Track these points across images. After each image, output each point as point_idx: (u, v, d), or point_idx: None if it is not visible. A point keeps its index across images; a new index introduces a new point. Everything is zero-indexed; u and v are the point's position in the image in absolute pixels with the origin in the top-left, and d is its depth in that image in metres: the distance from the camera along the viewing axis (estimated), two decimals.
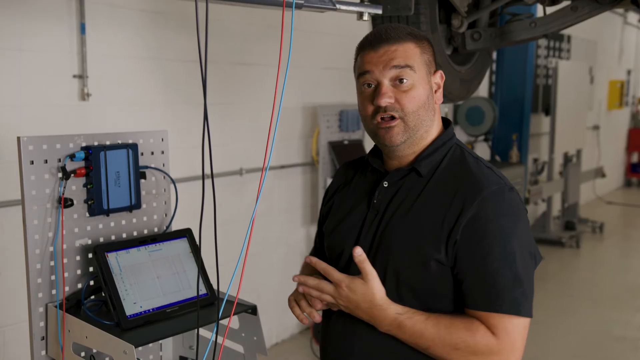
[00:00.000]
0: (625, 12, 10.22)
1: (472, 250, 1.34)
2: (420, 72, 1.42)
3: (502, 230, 1.34)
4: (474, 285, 1.34)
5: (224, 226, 3.58)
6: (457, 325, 1.33)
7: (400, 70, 1.39)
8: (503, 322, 1.32)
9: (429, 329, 1.34)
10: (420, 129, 1.43)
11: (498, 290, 1.32)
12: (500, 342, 1.31)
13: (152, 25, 3.29)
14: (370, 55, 1.42)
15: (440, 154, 1.46)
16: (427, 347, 1.35)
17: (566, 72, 6.77)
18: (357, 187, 1.56)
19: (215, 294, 1.81)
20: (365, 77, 1.43)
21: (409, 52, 1.41)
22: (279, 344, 4.34)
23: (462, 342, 1.32)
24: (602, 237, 7.60)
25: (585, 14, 2.64)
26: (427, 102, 1.43)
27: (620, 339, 4.58)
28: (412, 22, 2.42)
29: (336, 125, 4.32)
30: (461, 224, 1.34)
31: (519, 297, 1.32)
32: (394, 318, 1.36)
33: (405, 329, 1.35)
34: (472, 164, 1.43)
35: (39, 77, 2.82)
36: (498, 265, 1.32)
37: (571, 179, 7.20)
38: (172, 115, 3.42)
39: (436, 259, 1.36)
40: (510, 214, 1.36)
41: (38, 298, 1.67)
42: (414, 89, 1.40)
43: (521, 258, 1.34)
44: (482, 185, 1.36)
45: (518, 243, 1.34)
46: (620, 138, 11.09)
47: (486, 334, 1.32)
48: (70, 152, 1.71)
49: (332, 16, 2.53)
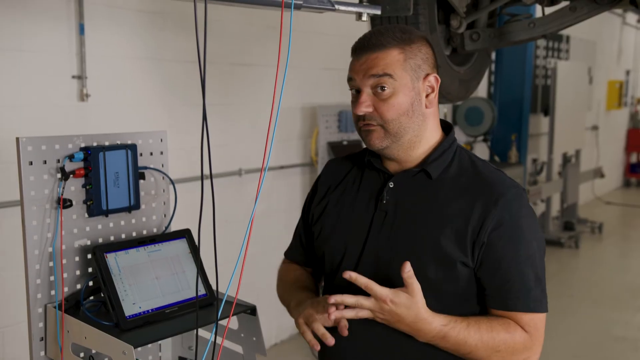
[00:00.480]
0: (624, 13, 10.23)
1: (499, 253, 1.38)
2: (402, 79, 1.40)
3: (525, 232, 1.40)
4: (502, 286, 1.39)
5: (223, 227, 3.58)
6: (497, 328, 1.37)
7: (378, 79, 1.39)
8: (533, 320, 1.39)
9: (472, 336, 1.36)
10: (405, 135, 1.43)
11: (525, 290, 1.39)
12: (533, 338, 1.39)
13: (150, 26, 3.29)
14: (354, 62, 1.44)
15: (448, 157, 1.47)
16: (469, 352, 1.37)
17: (565, 72, 6.78)
18: (357, 187, 1.54)
19: (214, 294, 1.81)
20: (351, 83, 1.46)
21: (389, 59, 1.39)
22: (278, 345, 4.34)
23: (503, 344, 1.37)
24: (601, 238, 7.61)
25: (584, 14, 2.64)
26: (410, 109, 1.41)
27: (620, 339, 4.58)
28: (411, 23, 2.42)
29: (335, 125, 4.33)
30: (487, 229, 1.37)
31: (539, 294, 1.40)
32: (439, 330, 1.35)
33: (449, 339, 1.36)
34: (482, 167, 1.46)
35: (38, 77, 2.82)
36: (524, 266, 1.39)
37: (570, 179, 7.21)
38: (171, 115, 3.42)
39: (462, 261, 1.38)
40: (530, 216, 1.43)
41: (37, 299, 1.67)
42: (393, 96, 1.40)
43: (539, 257, 1.42)
44: (502, 189, 1.40)
45: (537, 244, 1.42)
46: (619, 138, 11.09)
47: (523, 333, 1.39)
48: (69, 152, 1.71)
49: (331, 17, 2.53)
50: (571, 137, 7.13)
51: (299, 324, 1.44)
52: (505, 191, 1.40)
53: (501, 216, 1.37)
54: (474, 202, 1.39)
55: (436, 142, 1.48)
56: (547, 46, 7.77)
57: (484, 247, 1.38)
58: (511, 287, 1.38)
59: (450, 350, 1.38)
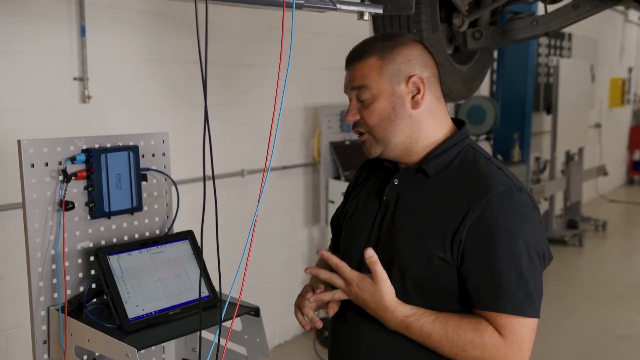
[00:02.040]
0: (626, 10, 10.21)
1: (477, 250, 1.35)
2: (380, 86, 1.44)
3: (508, 231, 1.34)
4: (480, 284, 1.35)
5: (226, 228, 3.58)
6: (465, 326, 1.34)
7: (357, 90, 1.47)
8: (510, 323, 1.32)
9: (437, 330, 1.35)
10: (394, 139, 1.46)
11: (503, 290, 1.32)
12: (507, 342, 1.32)
13: (152, 27, 3.29)
14: (345, 76, 1.53)
15: (450, 155, 1.46)
16: (435, 347, 1.38)
17: (567, 70, 6.76)
18: (371, 185, 1.60)
19: (217, 296, 1.80)
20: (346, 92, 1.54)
21: (366, 69, 1.45)
22: (282, 346, 4.34)
23: (469, 343, 1.33)
24: (604, 236, 7.59)
25: (587, 11, 2.63)
26: (392, 113, 1.44)
27: (624, 337, 4.57)
28: (413, 22, 2.41)
29: (337, 125, 4.32)
30: (466, 225, 1.35)
31: (522, 297, 1.33)
32: (402, 320, 1.38)
33: (412, 330, 1.37)
34: (483, 165, 1.44)
35: (39, 80, 2.82)
36: (503, 265, 1.33)
37: (573, 177, 7.19)
38: (173, 116, 3.41)
39: (440, 257, 1.37)
40: (517, 214, 1.36)
41: (40, 301, 1.67)
42: (374, 103, 1.45)
43: (527, 258, 1.34)
44: (489, 186, 1.37)
45: (524, 243, 1.34)
46: (622, 136, 11.07)
47: (493, 335, 1.33)
48: (71, 154, 1.71)
49: (332, 16, 2.52)
50: (574, 135, 7.11)
51: (294, 306, 1.55)
52: (492, 188, 1.36)
53: (482, 213, 1.34)
54: (461, 199, 1.38)
55: (440, 139, 1.48)
56: (550, 44, 7.75)
57: (462, 244, 1.35)
58: (487, 285, 1.34)
59: (417, 341, 1.39)
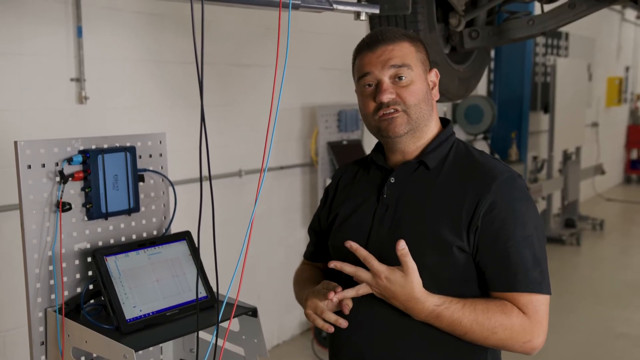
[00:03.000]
0: (623, 9, 10.22)
1: (494, 235, 1.40)
2: (417, 70, 1.49)
3: (519, 215, 1.41)
4: (499, 267, 1.40)
5: (224, 228, 3.58)
6: (493, 309, 1.38)
7: (398, 68, 1.47)
8: (531, 301, 1.39)
9: (467, 316, 1.37)
10: (422, 123, 1.50)
11: (522, 271, 1.39)
12: (532, 320, 1.38)
13: (149, 28, 3.28)
14: (368, 57, 1.49)
15: (445, 148, 1.52)
16: (465, 333, 1.39)
17: (564, 69, 6.77)
18: (361, 185, 1.59)
19: (215, 296, 1.80)
20: (365, 78, 1.49)
21: (404, 50, 1.48)
22: (280, 346, 4.33)
23: (499, 325, 1.37)
24: (602, 234, 7.60)
25: (583, 11, 2.64)
26: (426, 97, 1.50)
27: (622, 336, 4.57)
28: (410, 22, 2.42)
29: (335, 125, 4.32)
30: (481, 212, 1.40)
31: (538, 276, 1.40)
32: (432, 310, 1.38)
33: (443, 319, 1.38)
34: (478, 156, 1.51)
35: (36, 80, 2.81)
36: (519, 248, 1.39)
37: (571, 176, 7.20)
38: (170, 117, 3.41)
39: (458, 245, 1.41)
40: (524, 199, 1.44)
41: (37, 303, 1.67)
42: (413, 84, 1.47)
43: (537, 239, 1.42)
44: (494, 174, 1.44)
45: (533, 225, 1.42)
46: (619, 135, 11.09)
47: (520, 314, 1.38)
48: (67, 155, 1.70)
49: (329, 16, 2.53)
50: (571, 134, 7.12)
51: (307, 315, 1.49)
52: (497, 175, 1.43)
53: (494, 199, 1.40)
54: (468, 187, 1.43)
55: (434, 134, 1.54)
56: (547, 43, 7.76)
57: (478, 231, 1.40)
58: (507, 267, 1.39)
59: (446, 329, 1.40)
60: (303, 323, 4.50)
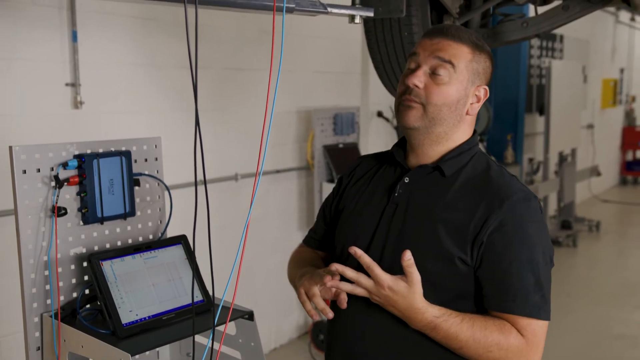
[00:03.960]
0: (617, 11, 10.26)
1: (498, 254, 1.38)
2: (460, 74, 1.44)
3: (528, 237, 1.39)
4: (500, 287, 1.39)
5: (221, 232, 3.57)
6: (491, 327, 1.36)
7: (441, 62, 1.43)
8: (530, 325, 1.37)
9: (464, 332, 1.35)
10: (439, 126, 1.46)
11: (522, 294, 1.37)
12: (529, 343, 1.37)
13: (144, 32, 3.28)
14: (425, 42, 1.47)
15: (465, 158, 1.49)
16: (460, 347, 1.37)
17: (559, 71, 6.79)
18: (375, 181, 1.58)
19: (211, 300, 1.80)
20: (412, 59, 1.48)
21: (459, 50, 1.44)
22: (277, 349, 4.33)
23: (495, 345, 1.35)
24: (598, 236, 7.62)
25: (576, 13, 2.65)
26: (455, 104, 1.45)
27: (619, 337, 4.58)
28: (404, 24, 2.42)
29: (331, 129, 4.32)
30: (488, 228, 1.38)
31: (539, 301, 1.39)
32: (430, 321, 1.36)
33: (439, 330, 1.36)
34: (497, 171, 1.48)
35: (31, 86, 2.81)
36: (523, 270, 1.38)
37: (567, 178, 7.21)
38: (166, 121, 3.41)
39: (460, 257, 1.39)
40: (535, 221, 1.42)
41: (33, 308, 1.66)
42: (447, 85, 1.43)
43: (543, 264, 1.41)
44: (509, 192, 1.41)
45: (541, 250, 1.41)
46: (615, 136, 11.11)
47: (518, 336, 1.37)
48: (63, 160, 1.70)
49: (324, 20, 2.53)
50: (567, 136, 7.14)
51: (299, 294, 1.46)
52: (511, 194, 1.40)
53: (504, 217, 1.38)
54: (480, 202, 1.41)
55: (457, 144, 1.51)
56: (541, 46, 7.78)
57: (483, 247, 1.38)
58: (508, 289, 1.38)
59: (441, 342, 1.38)
60: (300, 327, 4.50)
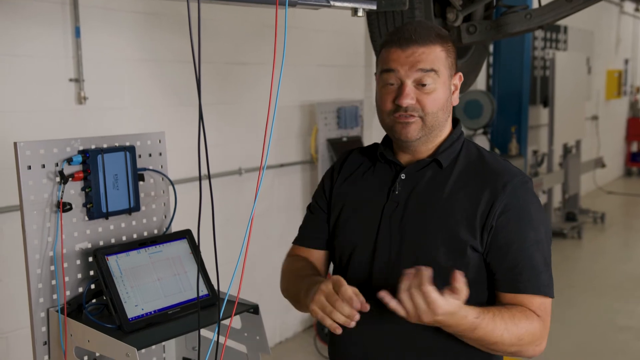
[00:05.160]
0: (622, 2, 10.21)
1: (508, 237, 1.40)
2: (443, 76, 1.46)
3: (533, 218, 1.43)
4: (513, 269, 1.40)
5: (225, 226, 3.58)
6: (518, 316, 1.37)
7: (425, 73, 1.43)
8: (544, 304, 1.41)
9: (499, 326, 1.34)
10: (436, 129, 1.49)
11: (535, 274, 1.40)
12: (545, 323, 1.42)
13: (147, 27, 3.28)
14: (397, 54, 1.44)
15: (457, 148, 1.52)
16: (495, 342, 1.35)
17: (563, 63, 6.76)
18: (368, 179, 1.57)
19: (216, 294, 1.81)
20: (389, 74, 1.45)
21: (436, 55, 1.44)
22: (283, 343, 4.34)
23: (525, 331, 1.36)
24: (603, 227, 7.60)
25: (580, 4, 2.63)
26: (445, 104, 1.48)
27: (624, 329, 4.58)
28: (407, 17, 2.42)
29: (334, 122, 4.32)
30: (496, 212, 1.40)
31: (548, 279, 1.42)
32: (472, 322, 1.32)
33: (479, 330, 1.33)
34: (490, 156, 1.52)
35: (35, 82, 2.82)
36: (533, 250, 1.41)
37: (571, 169, 7.20)
38: (170, 116, 3.41)
39: (472, 245, 1.40)
40: (535, 202, 1.46)
41: (39, 303, 1.67)
42: (435, 92, 1.45)
43: (547, 244, 1.45)
44: (508, 176, 1.45)
45: (544, 229, 1.45)
46: (619, 128, 11.07)
47: (537, 318, 1.39)
48: (67, 156, 1.71)
49: (326, 13, 2.52)
50: (571, 127, 7.12)
51: (312, 311, 1.36)
52: (512, 178, 1.44)
53: (509, 201, 1.41)
54: (483, 188, 1.43)
55: (447, 135, 1.53)
56: (545, 37, 7.75)
57: (492, 231, 1.41)
58: (522, 270, 1.40)
59: (477, 341, 1.35)
60: (305, 320, 4.51)
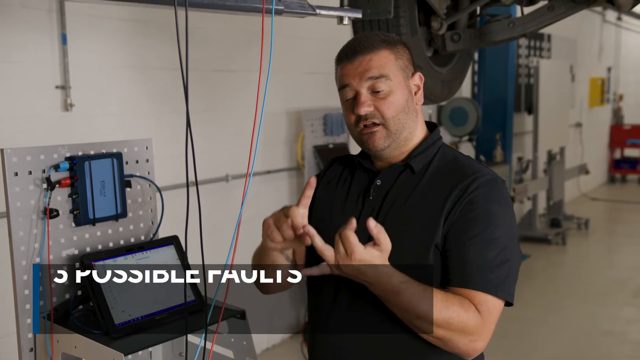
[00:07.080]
0: (604, 11, 10.34)
1: (462, 230, 1.40)
2: (396, 78, 1.47)
3: (492, 216, 1.41)
4: (461, 262, 1.39)
5: (212, 233, 3.58)
6: (452, 300, 1.35)
7: (375, 80, 1.45)
8: (486, 301, 1.37)
9: (426, 301, 1.33)
10: (403, 132, 1.50)
11: (481, 270, 1.38)
12: (484, 320, 1.36)
13: (134, 34, 3.29)
14: (347, 68, 1.48)
15: (431, 152, 1.53)
16: (418, 317, 1.34)
17: (547, 70, 6.84)
18: (347, 187, 1.59)
19: (203, 300, 1.81)
20: (345, 90, 1.49)
21: (382, 60, 1.46)
22: (270, 349, 4.34)
23: (456, 317, 1.33)
24: (587, 233, 7.67)
25: (562, 13, 2.68)
26: (406, 106, 1.49)
27: (607, 334, 4.62)
28: (392, 25, 2.45)
29: (321, 129, 4.34)
30: (459, 208, 1.41)
31: (496, 278, 1.38)
32: (396, 285, 1.33)
33: (402, 296, 1.33)
34: (464, 159, 1.52)
35: (21, 88, 2.81)
36: (483, 247, 1.38)
37: (555, 176, 7.26)
38: (157, 123, 3.42)
39: (435, 244, 1.41)
40: (502, 202, 1.44)
41: (26, 309, 1.67)
42: (391, 95, 1.46)
43: (505, 244, 1.40)
44: (476, 175, 1.45)
45: (505, 230, 1.42)
46: (603, 135, 11.19)
47: (475, 312, 1.36)
48: (54, 162, 1.71)
49: (313, 21, 2.55)
50: (555, 134, 7.19)
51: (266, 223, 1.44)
52: (479, 176, 1.44)
53: (473, 197, 1.41)
54: (453, 187, 1.44)
55: (421, 139, 1.55)
56: (529, 45, 7.84)
57: (452, 226, 1.41)
58: (470, 265, 1.38)
59: (401, 310, 1.35)
60: (293, 326, 4.51)
